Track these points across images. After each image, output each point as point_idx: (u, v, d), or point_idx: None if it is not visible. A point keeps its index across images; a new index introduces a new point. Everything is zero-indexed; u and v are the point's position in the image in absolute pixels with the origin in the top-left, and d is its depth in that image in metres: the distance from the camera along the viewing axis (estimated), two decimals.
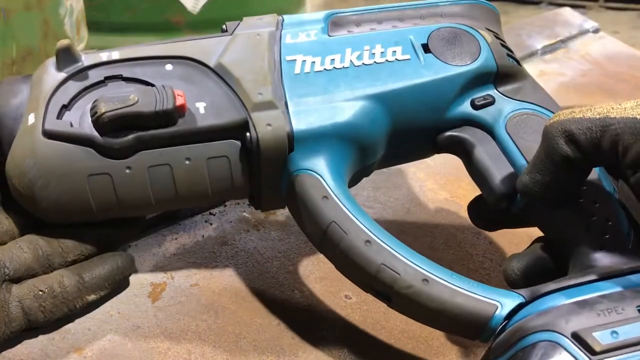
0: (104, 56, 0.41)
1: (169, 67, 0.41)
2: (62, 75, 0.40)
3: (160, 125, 0.38)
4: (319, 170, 0.39)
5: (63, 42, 0.40)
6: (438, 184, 0.56)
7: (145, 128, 0.38)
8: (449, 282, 0.35)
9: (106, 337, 0.41)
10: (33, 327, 0.39)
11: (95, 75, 0.40)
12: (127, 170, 0.39)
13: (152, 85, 0.40)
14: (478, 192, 0.43)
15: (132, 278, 0.44)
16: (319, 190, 0.39)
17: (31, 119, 0.39)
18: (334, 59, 0.42)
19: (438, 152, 0.45)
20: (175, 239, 0.49)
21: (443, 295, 0.35)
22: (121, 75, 0.40)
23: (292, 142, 0.39)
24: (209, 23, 1.29)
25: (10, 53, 0.67)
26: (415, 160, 0.49)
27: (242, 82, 0.40)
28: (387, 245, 0.37)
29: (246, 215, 0.51)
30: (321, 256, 0.44)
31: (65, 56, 0.40)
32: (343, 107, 0.40)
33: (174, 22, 1.27)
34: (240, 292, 0.45)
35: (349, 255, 0.37)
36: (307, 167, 0.39)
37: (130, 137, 0.38)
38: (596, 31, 0.89)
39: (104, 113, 0.37)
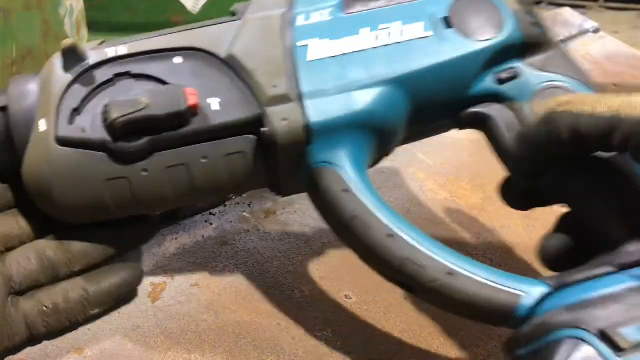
0: (110, 52, 0.40)
1: (178, 60, 0.40)
2: (69, 77, 0.39)
3: (173, 127, 0.38)
4: (339, 163, 0.38)
5: (68, 42, 0.39)
6: (438, 184, 0.56)
7: (159, 130, 0.37)
8: (474, 274, 0.34)
9: (106, 337, 0.41)
10: (34, 340, 0.39)
11: (103, 74, 0.39)
12: (144, 173, 0.38)
13: (163, 81, 0.39)
14: (478, 191, 0.43)
15: None
16: (339, 183, 0.38)
17: (43, 125, 0.38)
18: (349, 42, 0.40)
19: (461, 129, 0.43)
20: (175, 239, 0.49)
21: (468, 287, 0.34)
22: (130, 72, 0.39)
23: (309, 135, 0.38)
24: None
25: (10, 53, 0.67)
26: (436, 134, 0.46)
27: (255, 74, 0.39)
28: (411, 238, 0.36)
29: (246, 215, 0.51)
30: (321, 256, 0.44)
31: (71, 56, 0.39)
32: (361, 95, 0.39)
33: (174, 22, 1.27)
34: (240, 292, 0.45)
35: (372, 249, 0.36)
36: (325, 159, 0.38)
37: (144, 140, 0.37)
38: (596, 31, 0.89)
39: (116, 119, 0.36)
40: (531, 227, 0.51)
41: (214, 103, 0.38)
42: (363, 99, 0.38)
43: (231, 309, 0.43)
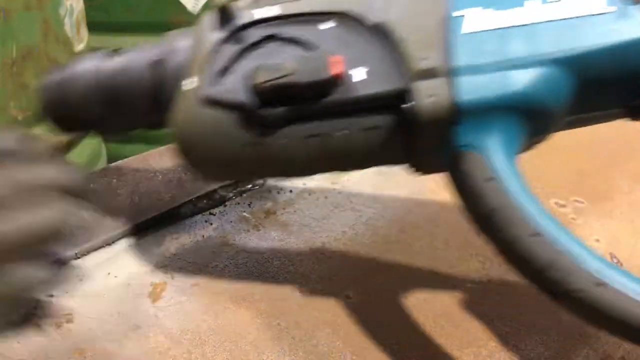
0: (260, 13, 0.38)
1: (327, 25, 0.38)
2: (220, 35, 0.38)
3: (315, 96, 0.36)
4: (486, 149, 0.35)
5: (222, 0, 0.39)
6: (438, 184, 0.56)
7: (300, 98, 0.36)
8: (627, 288, 0.31)
9: (106, 337, 0.41)
10: None
11: (252, 35, 0.38)
12: (280, 141, 0.37)
13: (310, 47, 0.37)
14: None
15: (132, 278, 0.45)
16: (483, 171, 0.35)
17: (190, 82, 0.38)
18: (511, 14, 0.36)
19: (634, 119, 0.38)
20: (176, 239, 0.49)
21: (618, 302, 0.31)
22: (278, 35, 0.38)
23: (457, 115, 0.35)
24: None
25: (10, 53, 0.67)
26: (599, 123, 0.41)
27: (405, 44, 0.36)
28: (559, 241, 0.32)
29: (246, 215, 0.51)
30: (321, 256, 0.44)
31: (224, 15, 0.38)
32: (520, 74, 0.35)
33: (174, 23, 1.27)
34: (240, 292, 0.45)
35: (512, 247, 0.33)
36: (472, 143, 0.35)
37: (287, 107, 0.36)
38: None
39: (264, 83, 0.36)
40: None
41: (359, 73, 0.36)
42: (522, 79, 0.35)
43: (231, 309, 0.43)
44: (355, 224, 0.51)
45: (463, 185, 0.36)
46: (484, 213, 0.34)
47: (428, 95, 0.35)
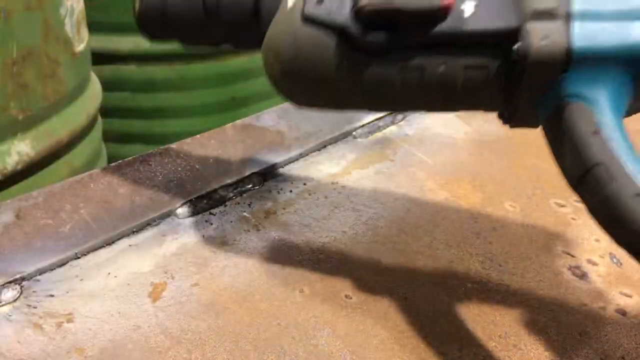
0: None
1: None
2: None
3: (420, 25, 0.35)
4: (595, 100, 0.34)
5: None
6: (438, 184, 0.56)
7: (406, 27, 0.35)
8: None
9: (106, 337, 0.41)
10: None
11: None
12: (378, 69, 0.36)
13: None
14: (478, 191, 0.43)
15: (133, 278, 0.45)
16: (589, 123, 0.33)
17: (291, 1, 0.38)
18: None
19: None
20: (176, 238, 0.49)
21: None
22: None
23: (569, 61, 0.33)
24: None
25: (10, 53, 0.67)
26: None
27: None
28: None
29: (246, 215, 0.51)
30: (321, 256, 0.44)
31: None
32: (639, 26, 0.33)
33: None
34: (240, 292, 0.45)
35: (611, 205, 0.32)
36: (580, 93, 0.34)
37: (387, 33, 0.35)
38: None
39: (365, 6, 0.35)
40: (531, 227, 0.51)
41: (469, 7, 0.35)
42: None
43: (231, 309, 0.43)
44: (355, 224, 0.51)
45: (564, 138, 0.34)
46: (585, 167, 0.33)
47: (542, 37, 0.33)
